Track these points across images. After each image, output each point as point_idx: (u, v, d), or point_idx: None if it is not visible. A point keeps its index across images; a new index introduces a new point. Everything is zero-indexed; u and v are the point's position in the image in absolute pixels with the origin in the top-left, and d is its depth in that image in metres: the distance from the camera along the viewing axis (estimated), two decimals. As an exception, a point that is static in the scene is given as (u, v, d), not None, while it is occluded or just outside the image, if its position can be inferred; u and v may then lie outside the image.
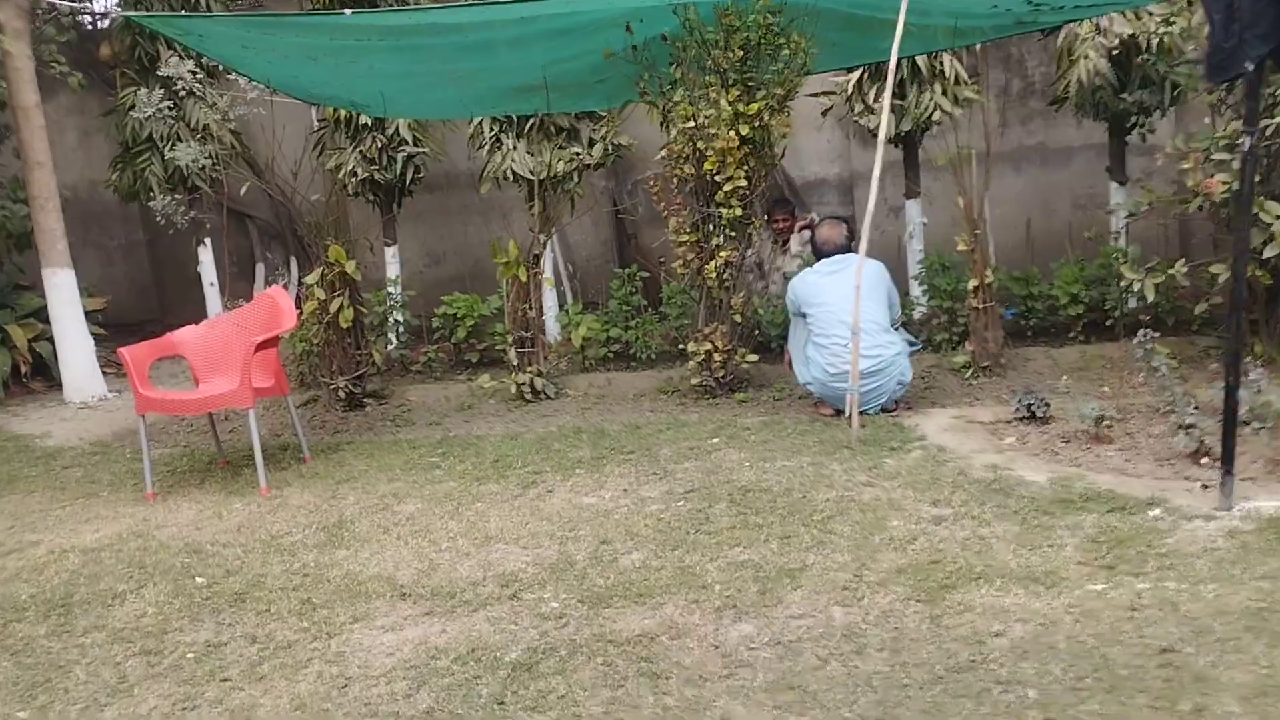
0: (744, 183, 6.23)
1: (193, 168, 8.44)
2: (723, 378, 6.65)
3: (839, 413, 5.91)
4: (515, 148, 8.03)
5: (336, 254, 6.91)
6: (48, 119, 7.89)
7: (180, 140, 8.53)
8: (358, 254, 7.20)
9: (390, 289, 8.44)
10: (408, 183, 8.40)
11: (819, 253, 6.21)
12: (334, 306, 6.97)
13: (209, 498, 5.55)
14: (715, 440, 5.78)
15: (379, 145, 8.23)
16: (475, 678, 3.42)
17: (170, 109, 8.50)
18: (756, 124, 6.14)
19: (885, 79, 5.50)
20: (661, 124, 7.65)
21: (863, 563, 4.02)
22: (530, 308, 7.04)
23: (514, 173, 8.00)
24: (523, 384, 7.04)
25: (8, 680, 3.67)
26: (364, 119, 8.17)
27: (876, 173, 5.46)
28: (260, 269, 10.05)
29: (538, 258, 7.04)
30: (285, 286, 10.01)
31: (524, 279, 6.94)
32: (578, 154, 8.02)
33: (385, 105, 7.01)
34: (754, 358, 6.70)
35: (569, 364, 7.81)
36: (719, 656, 3.42)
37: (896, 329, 6.06)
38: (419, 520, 4.96)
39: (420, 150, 8.33)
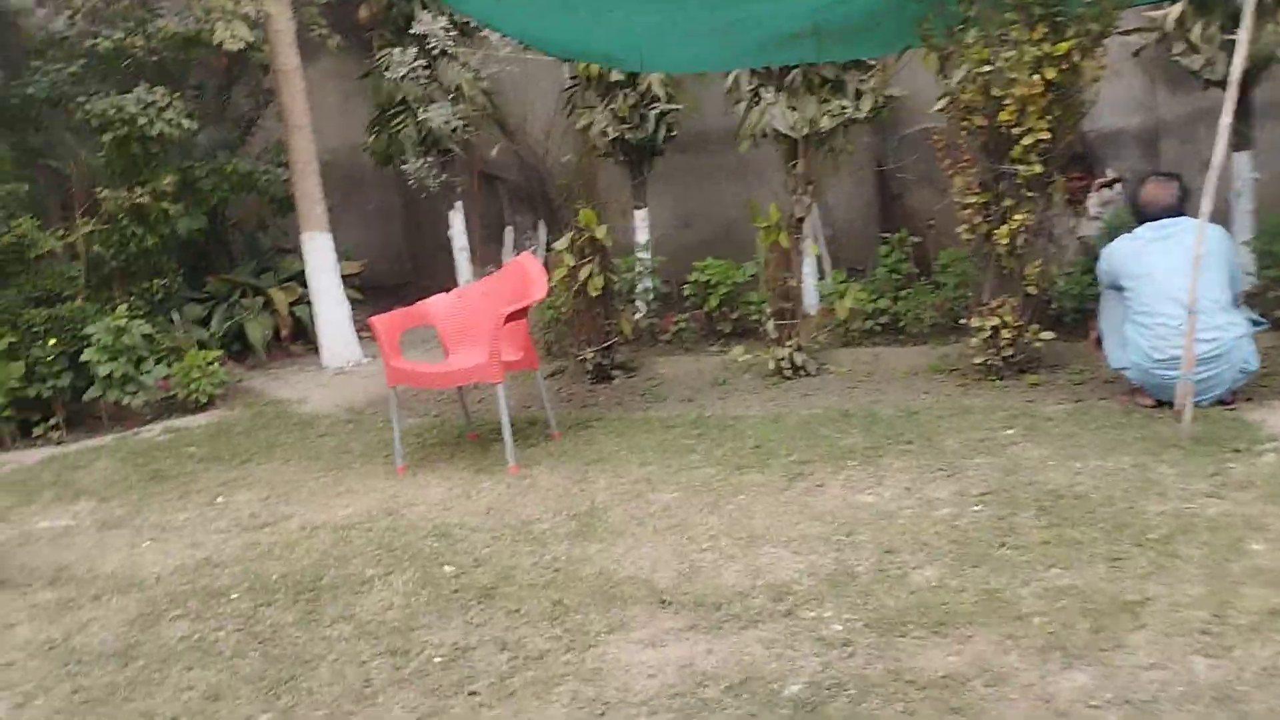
0: (1046, 135, 5.40)
1: (445, 129, 8.29)
2: (1011, 357, 5.87)
3: (1161, 403, 5.04)
4: (775, 102, 7.42)
5: (587, 218, 6.55)
6: (308, 82, 7.91)
7: (433, 101, 8.40)
8: (609, 218, 6.82)
9: (640, 254, 8.04)
10: (659, 142, 7.96)
11: (1142, 215, 5.29)
12: (583, 274, 6.63)
13: (458, 474, 5.30)
14: (1009, 431, 5.04)
15: (630, 103, 7.82)
16: (751, 716, 2.92)
17: (424, 69, 8.37)
18: (1064, 67, 5.29)
19: (1229, 7, 4.54)
20: (939, 72, 6.87)
21: (1223, 599, 3.25)
22: (791, 276, 6.46)
23: (774, 129, 7.40)
24: (781, 359, 6.48)
25: (254, 674, 3.46)
26: (615, 75, 7.77)
27: (1225, 121, 4.54)
28: (509, 232, 9.89)
29: (800, 221, 6.44)
30: (533, 251, 9.83)
31: (785, 245, 6.36)
32: (844, 108, 7.33)
33: (641, 60, 6.56)
34: (1049, 335, 5.87)
35: (828, 337, 7.19)
36: (1052, 715, 2.78)
37: (1238, 306, 5.10)
38: (676, 512, 4.51)
39: (674, 107, 7.86)
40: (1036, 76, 5.27)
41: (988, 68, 5.42)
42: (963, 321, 6.24)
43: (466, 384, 5.76)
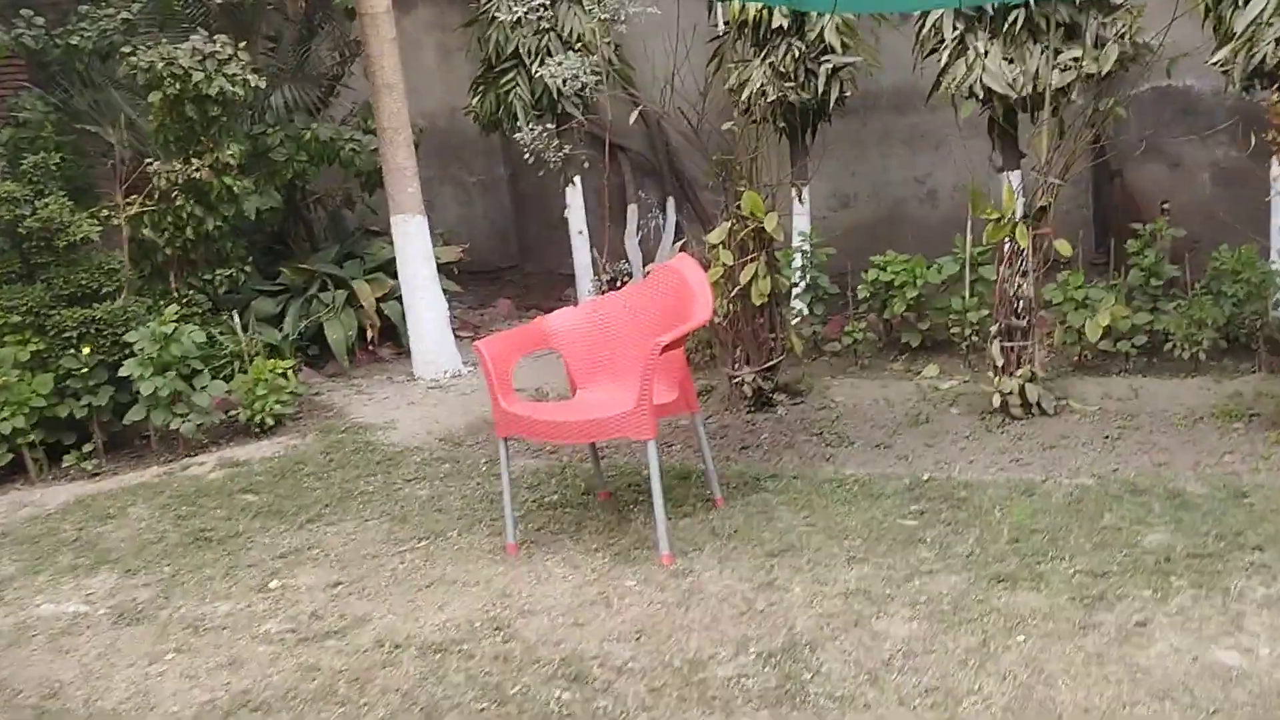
0: None
1: (570, 87, 6.75)
2: (1355, 405, 4.22)
3: None
4: (985, 53, 5.77)
5: (753, 204, 5.04)
6: (402, 36, 6.51)
7: (550, 54, 6.90)
8: (775, 203, 5.31)
9: (801, 244, 6.48)
10: (830, 105, 6.36)
11: None
12: (745, 275, 5.14)
13: (589, 561, 3.87)
14: None
15: (795, 56, 6.23)
16: None
17: (543, 10, 6.81)
18: None
19: None
20: (1205, 16, 5.31)
21: None
22: (1026, 284, 4.86)
23: (985, 87, 5.76)
24: (1009, 393, 4.90)
25: None
26: (777, 21, 6.19)
27: None
28: (632, 211, 8.39)
29: (1044, 211, 4.83)
30: (661, 229, 8.32)
31: (1023, 243, 4.76)
32: (1077, 59, 5.65)
33: (832, -4, 5.01)
34: None
35: (1053, 358, 5.56)
36: None
37: None
38: (923, 662, 3.01)
39: (849, 60, 6.25)
40: None
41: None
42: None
43: (606, 440, 4.32)
